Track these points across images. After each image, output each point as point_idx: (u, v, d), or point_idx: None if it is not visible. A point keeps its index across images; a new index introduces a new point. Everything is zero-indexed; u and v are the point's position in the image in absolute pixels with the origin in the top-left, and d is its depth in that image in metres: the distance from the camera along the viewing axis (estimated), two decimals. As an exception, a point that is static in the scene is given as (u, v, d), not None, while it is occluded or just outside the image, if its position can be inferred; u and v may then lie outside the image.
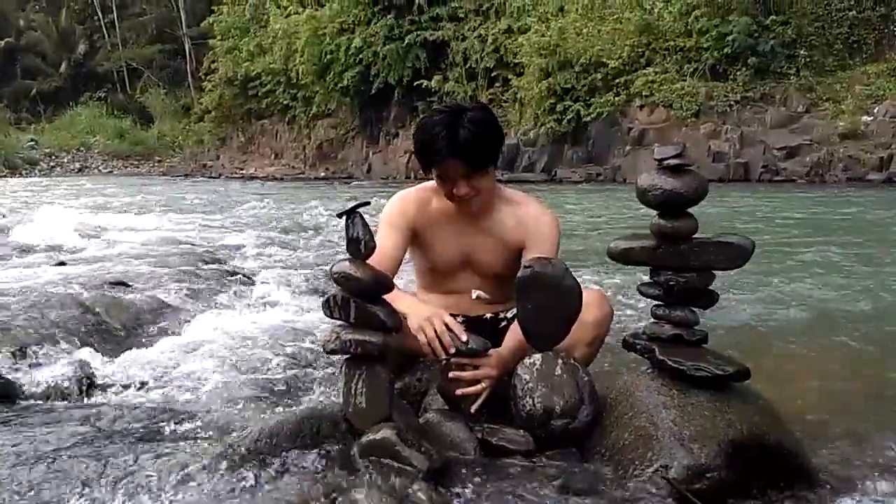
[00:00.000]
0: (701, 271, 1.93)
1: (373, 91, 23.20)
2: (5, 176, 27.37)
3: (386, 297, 1.92)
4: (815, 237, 6.92)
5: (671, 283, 1.94)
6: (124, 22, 39.88)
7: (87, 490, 1.74)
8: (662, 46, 17.33)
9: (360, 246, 1.87)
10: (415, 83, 21.97)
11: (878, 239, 6.94)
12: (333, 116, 26.72)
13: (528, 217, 2.41)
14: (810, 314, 3.88)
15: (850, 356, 3.19)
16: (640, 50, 17.50)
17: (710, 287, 1.97)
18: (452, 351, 2.01)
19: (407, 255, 2.46)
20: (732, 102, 16.12)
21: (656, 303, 2.01)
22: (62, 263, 5.11)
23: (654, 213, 1.94)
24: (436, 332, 2.04)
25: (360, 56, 22.78)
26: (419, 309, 2.14)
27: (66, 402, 2.45)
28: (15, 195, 15.00)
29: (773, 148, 15.21)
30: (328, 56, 23.74)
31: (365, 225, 1.87)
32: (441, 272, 2.48)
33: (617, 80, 17.45)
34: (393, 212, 2.41)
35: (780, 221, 8.32)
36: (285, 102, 28.16)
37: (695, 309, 1.98)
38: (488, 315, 2.53)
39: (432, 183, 2.41)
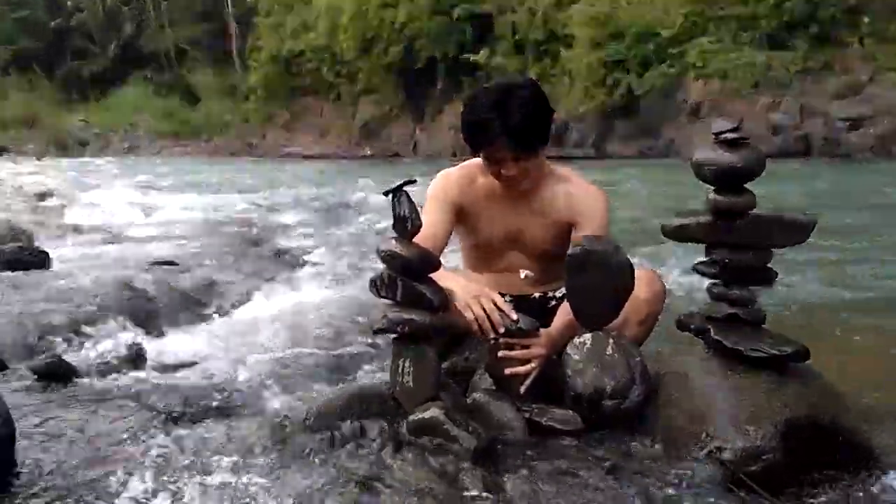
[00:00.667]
0: (758, 248, 1.87)
1: (418, 66, 23.11)
2: (57, 156, 28.03)
3: (432, 275, 1.90)
4: (878, 214, 6.70)
5: (727, 260, 1.88)
6: (170, 2, 40.33)
7: (136, 467, 1.76)
8: (717, 14, 16.84)
9: (406, 224, 1.85)
10: (461, 58, 21.81)
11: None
12: (378, 93, 26.72)
13: (578, 194, 2.35)
14: (872, 294, 3.77)
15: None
16: (693, 18, 17.05)
17: (768, 265, 1.90)
18: (502, 330, 1.98)
19: (453, 235, 2.43)
20: (792, 72, 15.60)
21: (712, 281, 1.95)
22: (112, 243, 5.21)
23: (710, 188, 1.88)
24: (484, 310, 2.01)
25: (405, 31, 22.70)
26: (467, 287, 2.11)
27: (117, 381, 2.49)
28: (67, 175, 15.35)
29: (836, 119, 14.70)
30: (372, 31, 23.74)
31: (411, 203, 1.85)
32: (488, 250, 2.45)
33: (670, 51, 17.05)
34: (438, 190, 2.38)
35: (841, 198, 8.07)
36: (330, 80, 28.26)
37: (752, 287, 1.91)
38: (536, 294, 2.49)
39: (477, 160, 2.37)
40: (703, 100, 16.44)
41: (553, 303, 2.47)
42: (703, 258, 1.95)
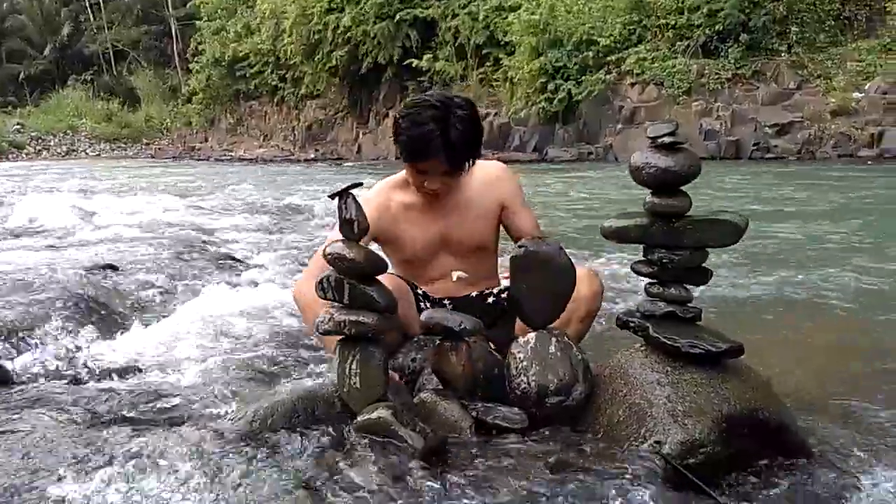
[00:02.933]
0: (694, 249, 1.93)
1: (362, 71, 23.04)
2: (-8, 160, 27.16)
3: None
4: (807, 215, 6.94)
5: (665, 260, 1.93)
6: (109, 3, 39.41)
7: (78, 474, 1.73)
8: (654, 24, 17.27)
9: (353, 227, 1.86)
10: (405, 62, 21.82)
11: (870, 216, 6.96)
12: (322, 97, 26.57)
13: (487, 174, 2.44)
14: (804, 291, 3.90)
15: (844, 332, 3.21)
16: (631, 27, 17.44)
17: (704, 265, 1.97)
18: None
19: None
20: (724, 80, 16.10)
21: (650, 281, 2.00)
22: (51, 247, 5.08)
23: (647, 191, 1.93)
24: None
25: (349, 35, 22.60)
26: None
27: (56, 386, 2.43)
28: (2, 179, 14.87)
29: (765, 125, 15.22)
30: (316, 35, 23.56)
31: (358, 206, 1.86)
32: (418, 261, 2.48)
33: (608, 59, 17.40)
34: None
35: (772, 199, 8.34)
36: (274, 83, 27.99)
37: (688, 286, 1.98)
38: (473, 293, 2.53)
39: (389, 181, 2.44)
40: (640, 106, 16.80)
41: (491, 299, 2.51)
42: (640, 258, 2.01)
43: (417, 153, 2.23)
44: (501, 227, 2.51)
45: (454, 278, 2.47)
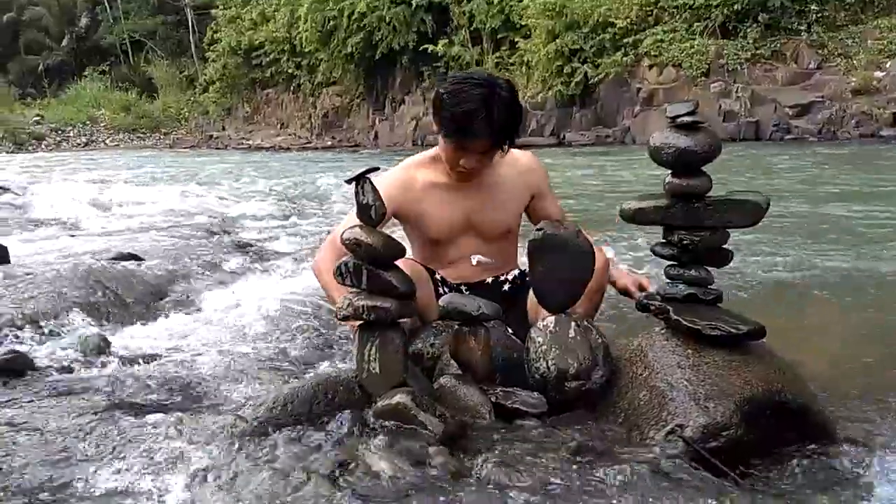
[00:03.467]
0: (715, 230, 1.91)
1: (378, 57, 22.96)
2: (12, 152, 27.40)
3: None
4: (829, 196, 6.86)
5: (685, 242, 1.91)
6: (126, -7, 39.54)
7: (99, 462, 1.75)
8: (671, 4, 17.02)
9: (370, 212, 1.86)
10: (420, 48, 21.73)
11: (893, 197, 6.86)
12: (338, 84, 26.53)
13: (519, 162, 2.46)
14: (826, 273, 3.86)
15: (866, 315, 3.18)
16: (648, 9, 17.21)
17: (725, 246, 1.95)
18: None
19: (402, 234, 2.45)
20: (743, 60, 15.87)
21: (670, 263, 1.99)
22: (72, 236, 5.13)
23: (667, 172, 1.91)
24: None
25: (364, 21, 22.49)
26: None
27: (78, 375, 2.46)
28: (23, 171, 15.02)
29: (785, 106, 15.00)
30: (331, 22, 23.48)
31: (375, 191, 1.86)
32: (440, 242, 2.47)
33: (625, 40, 17.20)
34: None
35: (793, 180, 8.24)
36: (290, 71, 27.97)
37: (709, 268, 1.96)
38: (489, 280, 2.52)
39: (415, 159, 2.43)
40: (658, 88, 16.64)
41: (507, 286, 2.50)
42: (660, 240, 1.99)
43: (462, 130, 2.22)
44: (524, 215, 2.51)
45: (474, 262, 2.46)
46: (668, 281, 1.98)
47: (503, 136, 2.25)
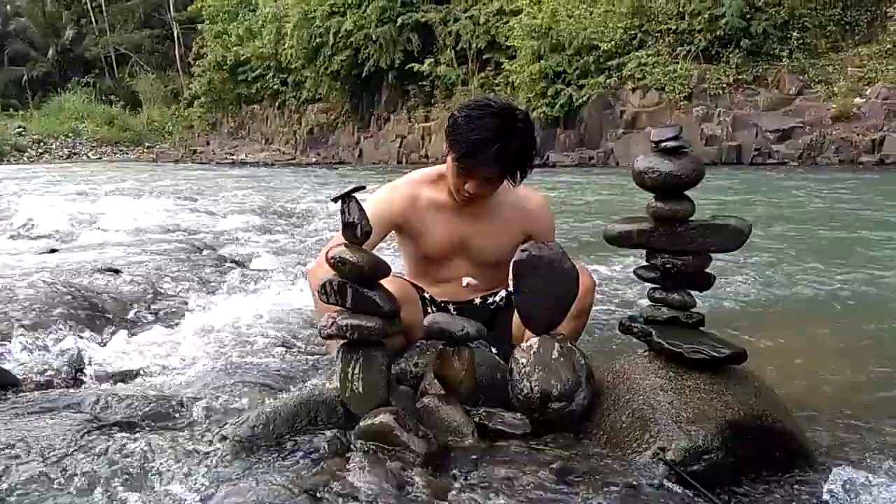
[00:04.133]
0: (698, 254, 1.93)
1: (364, 75, 23.05)
2: (-7, 163, 27.21)
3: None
4: (810, 220, 6.94)
5: (668, 265, 1.93)
6: (111, 6, 39.44)
7: (79, 479, 1.73)
8: (655, 29, 17.27)
9: (356, 230, 1.86)
10: (406, 67, 21.84)
11: (872, 222, 6.96)
12: (324, 101, 26.58)
13: (527, 202, 2.44)
14: (807, 297, 3.90)
15: (846, 338, 3.21)
16: (632, 32, 17.43)
17: (707, 270, 1.97)
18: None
19: (397, 247, 2.45)
20: (725, 85, 16.11)
21: (653, 286, 2.00)
22: (53, 251, 5.08)
23: (649, 195, 1.93)
24: None
25: (351, 39, 22.61)
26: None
27: (58, 390, 2.43)
28: (4, 182, 14.89)
29: (766, 131, 15.23)
30: (318, 39, 23.57)
31: (361, 209, 1.87)
32: (434, 260, 2.47)
33: (609, 63, 17.39)
34: (381, 204, 2.39)
35: (773, 205, 8.33)
36: (275, 87, 28.01)
37: (691, 292, 1.97)
38: (477, 300, 2.53)
39: (421, 174, 2.42)
40: (641, 111, 16.82)
41: (494, 307, 2.51)
42: (643, 263, 2.01)
43: (472, 157, 2.20)
44: None
45: (464, 283, 2.47)
46: (650, 304, 2.00)
47: (514, 167, 2.24)
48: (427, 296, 2.50)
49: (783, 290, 4.04)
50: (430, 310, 2.45)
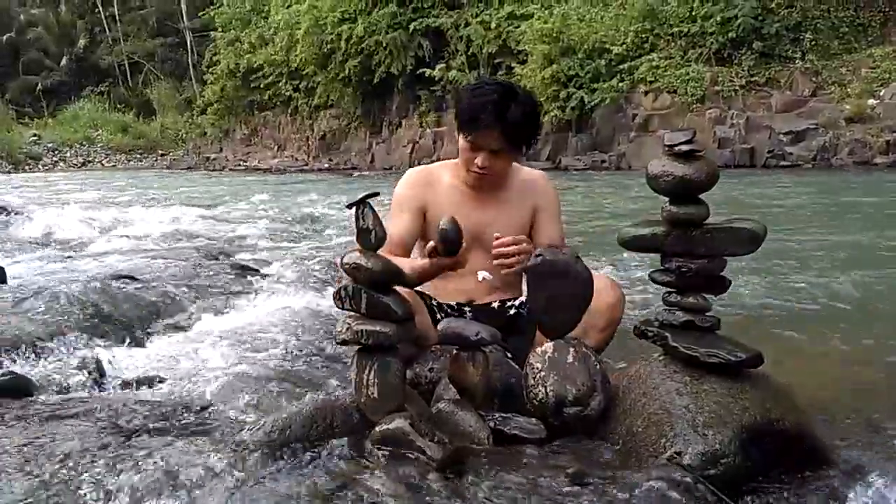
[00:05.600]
0: (713, 257, 1.92)
1: (375, 80, 23.10)
2: (9, 172, 27.44)
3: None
4: (825, 222, 6.90)
5: (683, 269, 1.93)
6: (125, 15, 39.81)
7: (98, 485, 1.74)
8: (666, 32, 17.23)
9: (370, 236, 1.86)
10: (417, 72, 21.88)
11: (887, 224, 6.91)
12: (336, 107, 26.65)
13: (532, 179, 2.54)
14: (822, 300, 3.88)
15: (862, 340, 3.19)
16: (643, 35, 17.41)
17: (722, 273, 1.96)
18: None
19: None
20: (738, 87, 16.04)
21: (668, 290, 2.00)
22: (69, 257, 5.12)
23: (662, 199, 1.93)
24: None
25: (362, 45, 22.68)
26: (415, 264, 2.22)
27: (76, 397, 2.45)
28: (20, 191, 15.02)
29: (779, 133, 15.14)
30: (329, 46, 23.66)
31: (375, 215, 1.87)
32: None
33: (621, 67, 17.37)
34: (405, 189, 2.46)
35: (788, 207, 8.29)
36: (287, 94, 28.10)
37: (707, 295, 1.97)
38: (495, 304, 2.53)
39: (442, 163, 2.45)
40: (653, 113, 16.77)
41: (512, 311, 2.51)
42: (658, 267, 2.00)
43: (475, 121, 2.29)
44: None
45: (479, 278, 2.46)
46: (665, 308, 1.99)
47: (516, 134, 2.29)
48: (435, 303, 2.50)
49: (798, 292, 4.02)
50: (438, 317, 2.45)
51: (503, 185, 2.45)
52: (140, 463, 1.83)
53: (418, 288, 2.51)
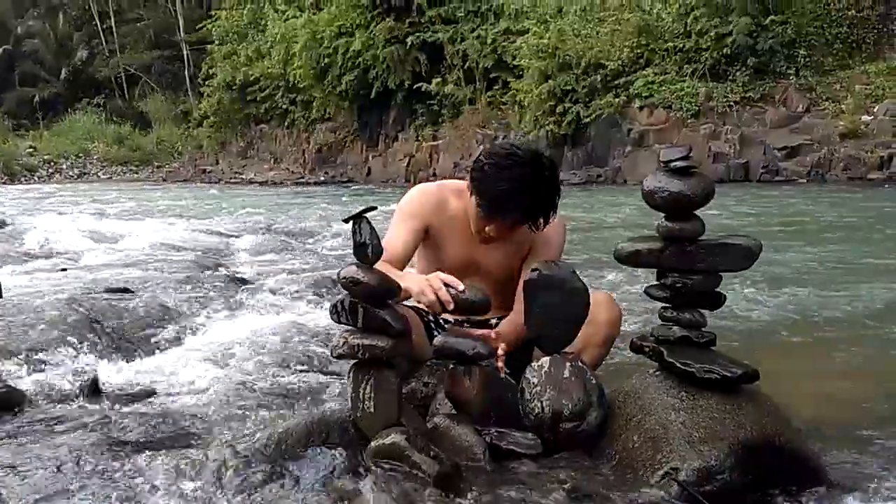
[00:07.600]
0: (708, 273, 1.93)
1: (372, 94, 23.17)
2: (4, 183, 27.42)
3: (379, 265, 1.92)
4: (819, 238, 6.92)
5: (678, 285, 1.94)
6: (122, 28, 39.81)
7: (91, 498, 1.73)
8: (661, 47, 17.32)
9: (367, 251, 1.87)
10: (414, 86, 21.96)
11: (882, 239, 6.93)
12: (332, 120, 26.69)
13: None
14: (818, 315, 3.88)
15: (858, 357, 3.19)
16: (639, 51, 17.49)
17: (718, 289, 1.97)
18: (451, 307, 1.98)
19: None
20: (732, 103, 16.11)
21: (664, 305, 2.00)
22: (64, 270, 5.11)
23: (658, 214, 1.94)
24: (437, 295, 2.00)
25: (359, 59, 22.75)
26: (415, 277, 2.14)
27: (70, 409, 2.44)
28: (15, 202, 15.00)
29: (774, 148, 15.20)
30: (326, 59, 23.72)
31: (372, 230, 1.88)
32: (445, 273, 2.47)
33: (616, 82, 17.44)
34: (414, 205, 2.40)
35: (783, 222, 8.31)
36: (284, 107, 28.15)
37: (702, 311, 1.97)
38: (493, 320, 2.52)
39: (450, 184, 2.43)
40: (648, 129, 16.84)
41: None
42: (654, 282, 2.01)
43: (497, 207, 2.19)
44: None
45: (461, 288, 2.44)
46: (661, 323, 2.00)
47: (538, 215, 2.23)
48: (431, 318, 2.49)
49: (793, 308, 4.03)
50: (436, 333, 2.44)
51: None
52: (133, 475, 1.83)
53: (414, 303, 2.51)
